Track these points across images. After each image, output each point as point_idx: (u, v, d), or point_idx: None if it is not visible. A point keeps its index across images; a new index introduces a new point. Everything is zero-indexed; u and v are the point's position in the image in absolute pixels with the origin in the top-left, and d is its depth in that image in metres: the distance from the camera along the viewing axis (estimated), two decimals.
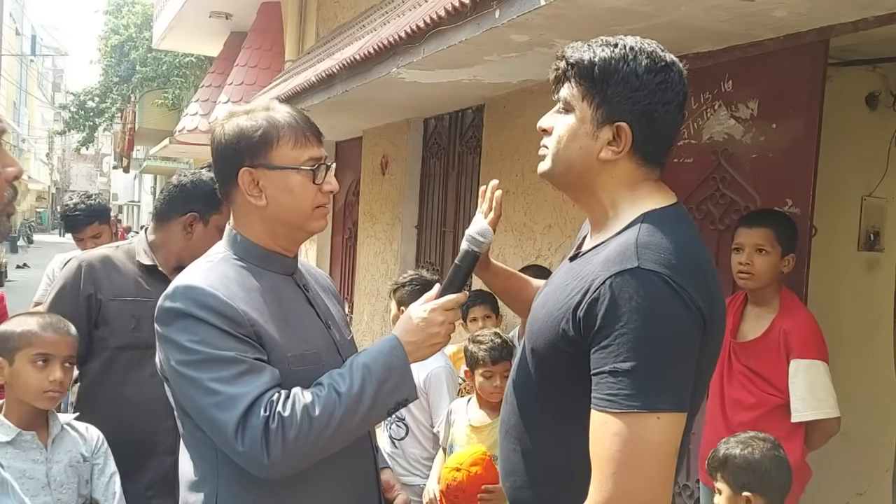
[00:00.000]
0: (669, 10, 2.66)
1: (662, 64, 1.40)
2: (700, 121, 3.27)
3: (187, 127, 10.79)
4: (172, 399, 1.60)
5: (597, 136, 1.41)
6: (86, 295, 2.41)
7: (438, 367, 3.31)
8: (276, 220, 1.64)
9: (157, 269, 2.49)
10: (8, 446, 2.10)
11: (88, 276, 2.43)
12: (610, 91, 1.39)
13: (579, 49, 1.44)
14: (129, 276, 2.47)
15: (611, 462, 1.27)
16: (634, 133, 1.40)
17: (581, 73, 1.42)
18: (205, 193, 2.48)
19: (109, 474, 2.25)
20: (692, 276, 1.32)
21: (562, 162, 1.46)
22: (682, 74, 1.44)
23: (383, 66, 4.13)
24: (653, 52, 1.41)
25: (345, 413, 1.48)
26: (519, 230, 4.48)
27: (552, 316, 1.42)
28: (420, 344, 1.60)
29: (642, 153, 1.42)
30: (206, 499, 1.56)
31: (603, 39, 1.43)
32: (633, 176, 1.44)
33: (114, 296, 2.43)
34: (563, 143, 1.45)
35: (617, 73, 1.39)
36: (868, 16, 2.58)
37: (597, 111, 1.41)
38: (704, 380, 1.42)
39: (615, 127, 1.40)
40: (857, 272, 3.84)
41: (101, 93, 23.41)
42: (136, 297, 2.44)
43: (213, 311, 1.50)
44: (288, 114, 1.64)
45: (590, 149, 1.42)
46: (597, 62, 1.40)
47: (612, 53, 1.40)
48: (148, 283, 2.47)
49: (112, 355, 2.42)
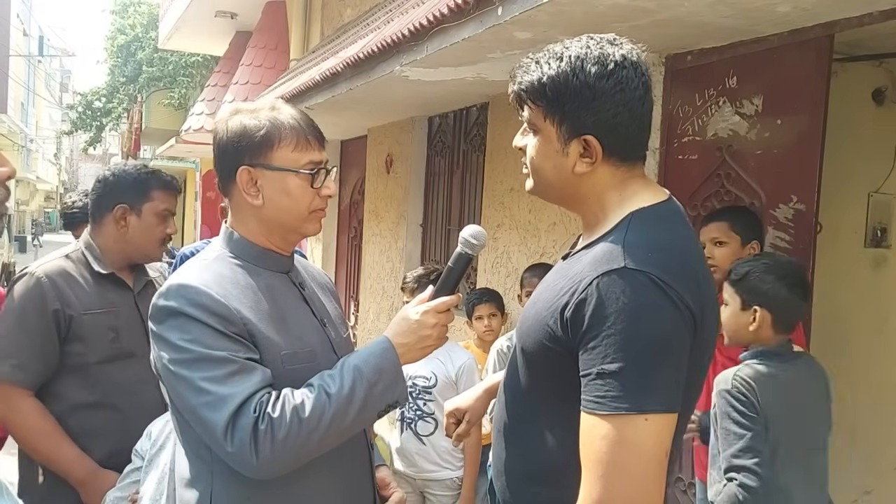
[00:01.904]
0: (673, 6, 2.65)
1: (612, 66, 1.36)
2: (704, 117, 3.26)
3: (193, 126, 10.80)
4: (167, 397, 1.60)
5: (567, 152, 1.41)
6: (52, 310, 2.29)
7: (469, 358, 3.49)
8: (271, 220, 1.64)
9: (115, 275, 2.44)
10: None
11: (52, 290, 2.30)
12: (567, 108, 1.37)
13: (528, 69, 1.42)
14: (91, 288, 2.38)
15: (600, 464, 1.26)
16: (602, 142, 1.38)
17: (534, 96, 1.41)
18: (130, 183, 2.43)
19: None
20: (681, 274, 1.31)
21: (541, 182, 1.47)
22: (636, 66, 1.38)
23: (387, 65, 4.12)
24: (600, 56, 1.37)
25: (334, 414, 1.48)
26: (524, 228, 4.47)
27: (540, 315, 1.41)
28: (412, 346, 1.59)
29: (617, 155, 1.41)
30: (200, 496, 1.57)
31: (549, 51, 1.41)
32: (616, 177, 1.43)
33: (84, 310, 2.33)
34: (536, 163, 1.46)
35: (568, 88, 1.36)
36: (873, 10, 2.56)
37: (560, 129, 1.40)
38: (698, 378, 1.41)
39: (582, 140, 1.39)
40: (863, 269, 3.83)
41: (108, 93, 23.44)
42: (108, 309, 2.37)
43: (205, 310, 1.50)
44: (292, 116, 1.64)
45: (563, 165, 1.42)
46: (546, 82, 1.38)
47: (559, 69, 1.37)
48: (111, 291, 2.42)
49: (96, 371, 2.34)
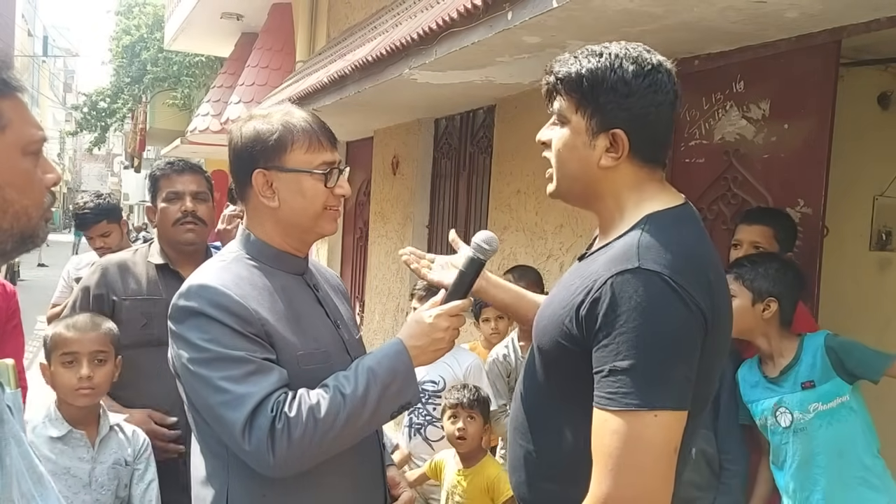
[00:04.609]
0: (681, 12, 2.67)
1: (649, 67, 1.42)
2: (712, 121, 3.28)
3: (199, 127, 10.85)
4: (184, 395, 1.63)
5: (594, 145, 1.44)
6: (94, 295, 2.52)
7: (475, 359, 3.52)
8: (287, 221, 1.68)
9: (169, 266, 2.58)
10: (58, 442, 2.19)
11: (101, 278, 2.55)
12: (601, 100, 1.42)
13: (567, 62, 1.47)
14: (143, 277, 2.57)
15: (610, 459, 1.30)
16: (630, 138, 1.42)
17: (571, 86, 1.45)
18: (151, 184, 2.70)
19: (148, 481, 2.30)
20: (694, 276, 1.34)
21: (566, 176, 1.50)
22: (670, 74, 1.45)
23: (395, 68, 4.15)
24: (639, 57, 1.42)
25: (349, 415, 1.51)
26: (530, 230, 4.50)
27: (557, 314, 1.45)
28: (424, 348, 1.62)
29: (641, 155, 1.45)
30: (217, 494, 1.60)
31: (589, 49, 1.46)
32: (637, 178, 1.46)
33: (126, 296, 2.53)
34: (562, 156, 1.49)
35: (605, 81, 1.41)
36: (880, 16, 2.59)
37: (591, 121, 1.43)
38: (711, 378, 1.44)
39: (611, 134, 1.43)
40: (869, 272, 3.84)
41: (113, 93, 23.50)
42: (149, 296, 2.53)
43: (224, 310, 1.53)
44: (304, 119, 1.68)
45: (589, 158, 1.45)
46: (584, 74, 1.43)
47: (598, 63, 1.42)
48: (162, 280, 2.56)
49: (128, 353, 2.45)
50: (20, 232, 1.06)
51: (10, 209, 1.04)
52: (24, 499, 1.01)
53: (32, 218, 1.07)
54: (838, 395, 2.35)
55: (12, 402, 1.10)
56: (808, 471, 2.36)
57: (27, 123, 1.08)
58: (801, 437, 2.37)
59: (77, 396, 2.22)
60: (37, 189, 1.08)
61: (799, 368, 2.40)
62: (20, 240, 1.06)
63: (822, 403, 2.35)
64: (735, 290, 2.39)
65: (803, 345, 2.43)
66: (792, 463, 2.39)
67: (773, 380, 2.44)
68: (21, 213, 1.05)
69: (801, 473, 2.37)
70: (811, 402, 2.36)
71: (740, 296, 2.40)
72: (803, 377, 2.38)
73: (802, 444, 2.36)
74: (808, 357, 2.40)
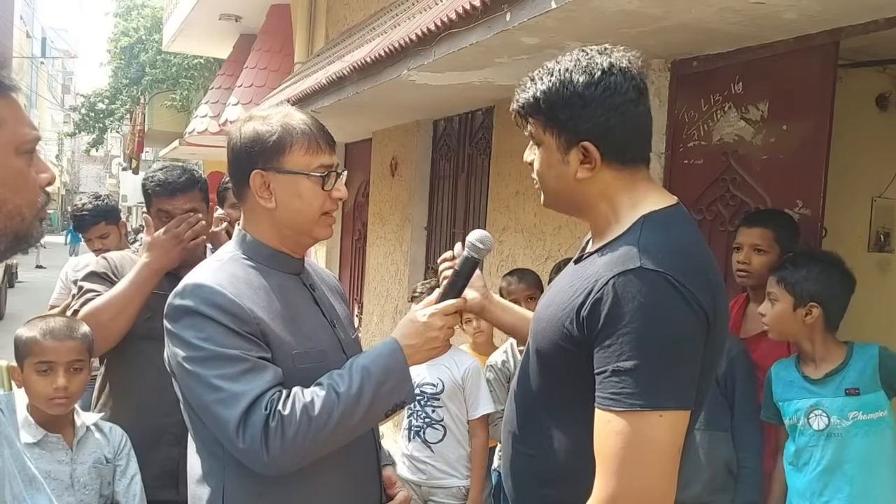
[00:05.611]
0: (680, 13, 2.67)
1: (600, 73, 1.44)
2: (710, 122, 3.28)
3: (197, 129, 10.82)
4: (180, 394, 1.64)
5: (567, 160, 1.48)
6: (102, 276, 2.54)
7: (474, 361, 3.48)
8: (283, 223, 1.68)
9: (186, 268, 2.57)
10: (34, 447, 2.14)
11: (108, 264, 2.59)
12: (561, 117, 1.45)
13: (525, 87, 1.52)
14: None
15: (614, 460, 1.30)
16: (600, 146, 1.45)
17: (532, 111, 1.50)
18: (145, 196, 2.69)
19: (130, 476, 2.29)
20: (695, 275, 1.34)
21: (550, 192, 1.56)
22: (626, 71, 1.45)
23: (394, 69, 4.14)
24: (588, 65, 1.44)
25: (343, 413, 1.52)
26: (529, 231, 4.49)
27: (556, 317, 1.45)
28: (419, 347, 1.63)
29: (618, 159, 1.47)
30: (213, 492, 1.60)
31: (543, 68, 1.50)
32: (621, 180, 1.48)
33: None
34: (543, 174, 1.54)
35: (561, 98, 1.45)
36: (879, 17, 2.58)
37: (559, 139, 1.48)
38: (708, 377, 1.44)
39: (581, 147, 1.45)
40: (867, 274, 3.83)
41: (111, 95, 23.45)
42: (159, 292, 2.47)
43: (220, 309, 1.54)
44: (303, 121, 1.69)
45: (566, 174, 1.49)
46: (539, 97, 1.47)
47: (551, 82, 1.46)
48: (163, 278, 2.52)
49: (136, 344, 2.45)
50: (14, 232, 1.05)
51: (4, 209, 1.03)
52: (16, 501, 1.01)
53: (26, 218, 1.07)
54: (879, 409, 2.32)
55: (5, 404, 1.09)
56: (832, 477, 2.32)
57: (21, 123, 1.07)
58: (832, 442, 2.32)
59: (52, 406, 2.17)
60: (31, 189, 1.08)
61: (846, 373, 2.35)
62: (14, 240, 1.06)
63: (862, 413, 2.31)
64: (776, 293, 2.35)
65: (853, 352, 2.38)
66: (816, 467, 2.34)
67: (814, 381, 2.39)
68: (15, 213, 1.05)
69: (825, 478, 2.32)
70: (852, 409, 2.32)
71: (781, 299, 2.36)
72: (849, 383, 2.34)
73: (833, 449, 2.32)
74: (859, 363, 2.35)
